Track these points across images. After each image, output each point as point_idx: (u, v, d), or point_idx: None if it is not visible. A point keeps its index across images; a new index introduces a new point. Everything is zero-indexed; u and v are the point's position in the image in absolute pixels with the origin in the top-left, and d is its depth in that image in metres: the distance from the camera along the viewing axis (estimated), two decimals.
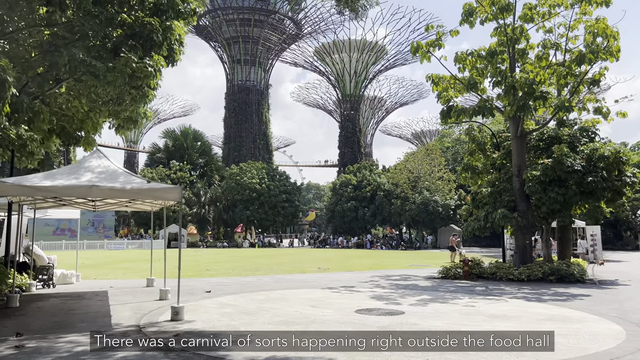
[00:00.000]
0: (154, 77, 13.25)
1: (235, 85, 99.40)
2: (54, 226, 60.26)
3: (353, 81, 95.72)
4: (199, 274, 21.00)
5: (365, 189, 60.71)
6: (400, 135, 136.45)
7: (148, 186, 9.93)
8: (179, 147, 69.94)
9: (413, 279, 18.51)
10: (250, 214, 61.48)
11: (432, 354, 7.08)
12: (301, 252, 45.24)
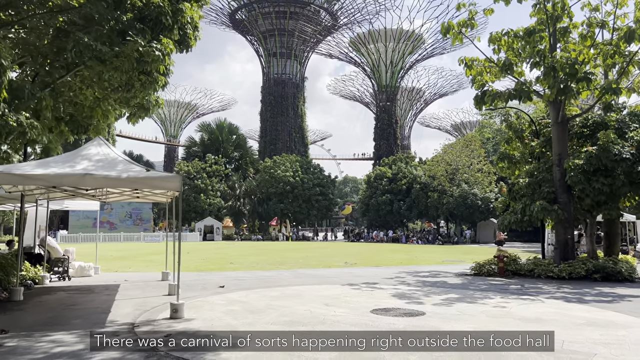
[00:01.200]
0: (163, 62, 12.63)
1: (271, 78, 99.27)
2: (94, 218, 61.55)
3: (389, 71, 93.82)
4: (221, 267, 20.50)
5: (401, 182, 59.26)
6: (439, 126, 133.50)
7: (145, 175, 9.27)
8: (215, 141, 70.25)
9: (443, 275, 17.36)
10: (284, 207, 61.10)
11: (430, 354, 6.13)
12: (333, 246, 44.46)
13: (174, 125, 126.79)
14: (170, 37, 13.59)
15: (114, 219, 64.62)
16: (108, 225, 62.43)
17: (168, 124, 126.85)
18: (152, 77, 13.15)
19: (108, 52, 12.08)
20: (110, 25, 12.94)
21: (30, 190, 12.06)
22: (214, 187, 62.67)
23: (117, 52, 12.19)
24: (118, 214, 64.46)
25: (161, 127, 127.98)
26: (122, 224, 64.19)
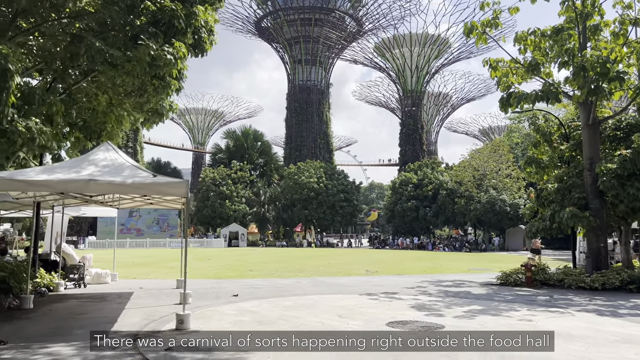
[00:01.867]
0: (175, 66, 12.43)
1: (297, 85, 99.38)
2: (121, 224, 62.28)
3: (414, 76, 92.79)
4: (240, 274, 20.19)
5: (427, 188, 58.20)
6: (467, 132, 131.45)
7: (151, 180, 8.97)
8: (240, 147, 70.50)
9: (467, 285, 16.64)
10: (309, 214, 60.74)
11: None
12: (356, 253, 43.82)
13: (201, 132, 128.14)
14: (184, 41, 13.40)
15: (142, 226, 65.28)
16: (135, 231, 63.12)
17: (196, 131, 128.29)
18: (165, 82, 12.98)
19: (120, 56, 11.93)
20: (123, 30, 12.86)
21: (42, 197, 11.95)
22: (239, 194, 62.81)
23: (129, 56, 12.05)
24: (145, 220, 65.14)
25: (189, 134, 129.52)
26: (149, 230, 64.77)
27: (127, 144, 73.53)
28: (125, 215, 60.97)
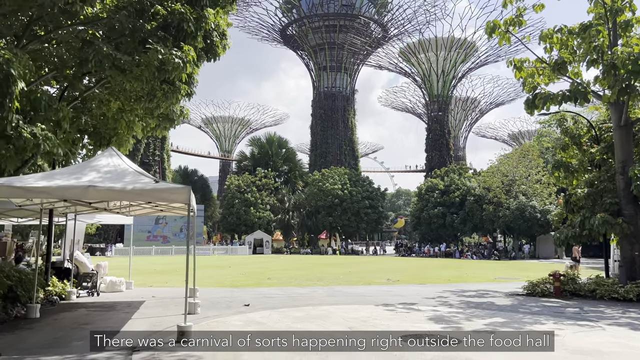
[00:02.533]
0: (184, 69, 12.14)
1: (322, 92, 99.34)
2: (147, 232, 62.87)
3: (440, 81, 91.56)
4: (258, 283, 19.81)
5: (454, 194, 57.03)
6: (496, 136, 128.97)
7: (152, 187, 8.66)
8: (264, 155, 70.59)
9: (491, 295, 15.86)
10: (333, 221, 60.21)
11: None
12: (380, 260, 43.01)
13: (228, 140, 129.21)
14: (194, 45, 13.15)
15: (168, 233, 65.73)
16: (161, 238, 63.59)
17: (223, 139, 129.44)
18: (175, 87, 12.75)
19: (128, 61, 11.74)
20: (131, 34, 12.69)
21: (50, 204, 11.81)
22: (263, 201, 62.77)
23: (137, 61, 11.85)
24: (172, 227, 65.59)
25: (216, 142, 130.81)
26: (176, 237, 65.14)
27: (154, 152, 74.59)
28: (152, 222, 61.52)
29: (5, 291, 10.81)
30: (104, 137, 12.96)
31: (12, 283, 10.80)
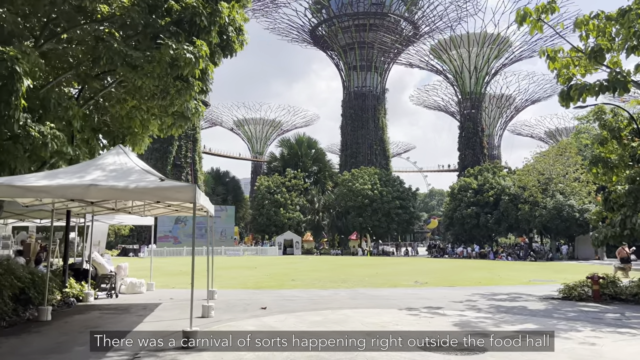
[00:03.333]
0: (196, 65, 11.79)
1: (352, 92, 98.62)
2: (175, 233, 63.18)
3: (473, 78, 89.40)
4: (281, 284, 19.37)
5: (488, 193, 55.41)
6: (532, 134, 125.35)
7: (155, 185, 8.28)
8: (294, 155, 70.40)
9: (524, 299, 14.94)
10: (363, 221, 59.42)
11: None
12: (411, 262, 42.01)
13: (259, 142, 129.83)
14: (208, 40, 12.80)
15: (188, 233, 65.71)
16: (173, 239, 63.39)
17: (254, 141, 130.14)
18: (188, 83, 12.41)
19: (140, 57, 11.46)
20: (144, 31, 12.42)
21: (63, 204, 11.62)
22: (293, 201, 62.54)
23: (148, 56, 11.56)
24: (211, 228, 65.67)
25: (248, 144, 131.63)
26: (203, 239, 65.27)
27: (186, 154, 75.37)
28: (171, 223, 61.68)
29: (17, 293, 10.65)
30: (118, 136, 12.73)
31: (23, 285, 10.62)
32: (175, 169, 73.06)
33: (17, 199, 9.34)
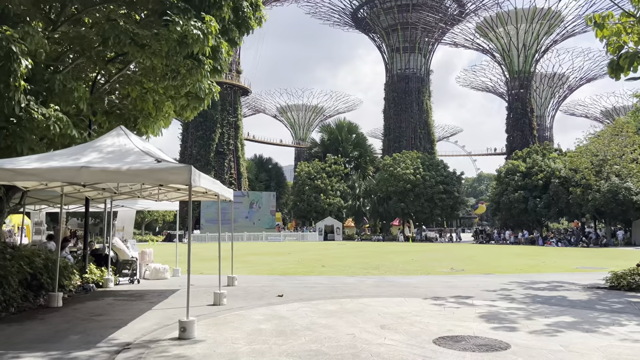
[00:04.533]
0: (205, 42, 11.25)
1: (394, 74, 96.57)
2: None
3: (521, 56, 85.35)
4: (309, 271, 18.84)
5: (537, 177, 52.87)
6: (586, 114, 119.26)
7: (149, 167, 7.81)
8: (334, 141, 69.67)
9: (565, 288, 13.75)
10: (405, 207, 58.14)
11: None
12: (452, 248, 40.63)
13: (302, 128, 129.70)
14: (220, 16, 12.24)
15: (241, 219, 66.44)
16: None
17: (297, 127, 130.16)
18: (199, 62, 11.89)
19: (147, 35, 11.03)
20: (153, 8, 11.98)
21: (75, 189, 11.42)
22: (333, 187, 61.94)
23: (155, 34, 11.11)
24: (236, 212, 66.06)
25: (290, 130, 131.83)
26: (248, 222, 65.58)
27: (228, 141, 75.98)
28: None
29: (28, 279, 10.53)
30: (129, 119, 12.40)
31: (32, 271, 10.47)
32: (217, 156, 73.83)
33: (16, 183, 9.08)
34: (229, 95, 77.06)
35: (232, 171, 74.68)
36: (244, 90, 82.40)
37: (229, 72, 77.97)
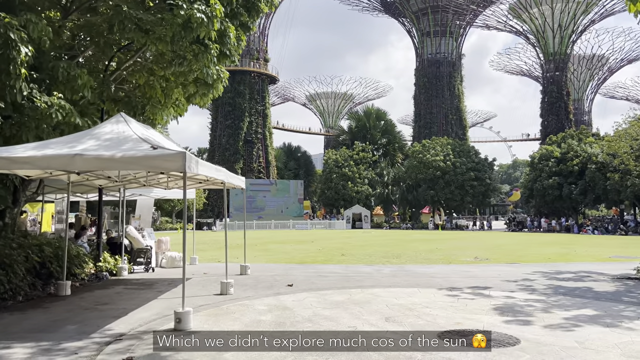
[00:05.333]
0: (210, 26, 10.96)
1: (425, 59, 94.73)
2: None
3: (557, 37, 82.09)
4: (327, 259, 18.54)
5: (572, 162, 50.98)
6: (627, 97, 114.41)
7: (142, 154, 7.61)
8: (362, 128, 68.90)
9: (592, 278, 13.02)
10: (435, 194, 57.10)
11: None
12: (482, 236, 39.61)
13: (331, 116, 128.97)
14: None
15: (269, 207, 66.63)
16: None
17: (326, 115, 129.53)
18: (205, 47, 11.62)
19: (151, 20, 10.81)
20: None
21: (84, 179, 11.39)
22: (361, 175, 61.36)
23: (159, 19, 10.88)
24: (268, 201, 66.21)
25: (320, 118, 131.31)
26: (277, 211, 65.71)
27: (256, 130, 76.14)
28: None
29: (36, 267, 10.57)
30: (136, 106, 12.27)
31: (41, 260, 10.50)
32: (246, 145, 74.08)
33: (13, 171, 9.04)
34: (256, 83, 77.08)
35: (260, 159, 74.90)
36: (271, 79, 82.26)
37: (256, 60, 78.00)
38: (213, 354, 6.12)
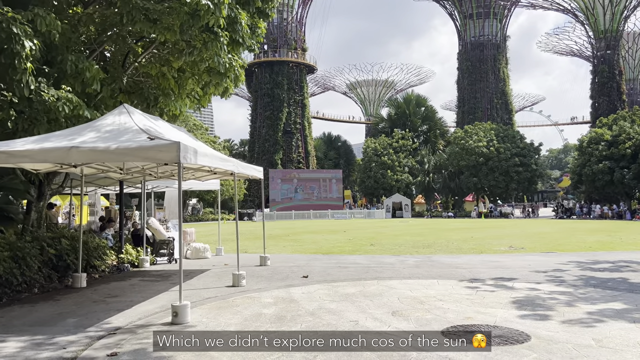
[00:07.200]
0: (217, 12, 10.73)
1: (468, 42, 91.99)
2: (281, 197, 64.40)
3: (608, 13, 77.55)
4: (355, 250, 18.16)
5: (624, 145, 48.23)
6: None
7: (136, 145, 7.47)
8: (402, 115, 67.57)
9: (631, 269, 12.07)
10: (478, 181, 55.46)
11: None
12: (524, 224, 38.06)
13: (372, 104, 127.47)
14: None
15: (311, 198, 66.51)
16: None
17: (367, 103, 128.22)
18: (215, 34, 11.40)
19: (158, 9, 10.68)
20: None
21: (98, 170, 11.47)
22: (400, 163, 60.30)
23: (166, 8, 10.74)
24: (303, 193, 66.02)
25: (361, 107, 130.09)
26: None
27: (295, 120, 76.17)
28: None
29: (54, 260, 10.72)
30: (149, 98, 12.22)
31: (56, 252, 10.64)
32: (285, 135, 74.24)
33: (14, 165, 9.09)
34: (294, 73, 76.95)
35: (299, 150, 74.96)
36: (310, 68, 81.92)
37: (294, 50, 77.79)
38: (199, 353, 5.89)
